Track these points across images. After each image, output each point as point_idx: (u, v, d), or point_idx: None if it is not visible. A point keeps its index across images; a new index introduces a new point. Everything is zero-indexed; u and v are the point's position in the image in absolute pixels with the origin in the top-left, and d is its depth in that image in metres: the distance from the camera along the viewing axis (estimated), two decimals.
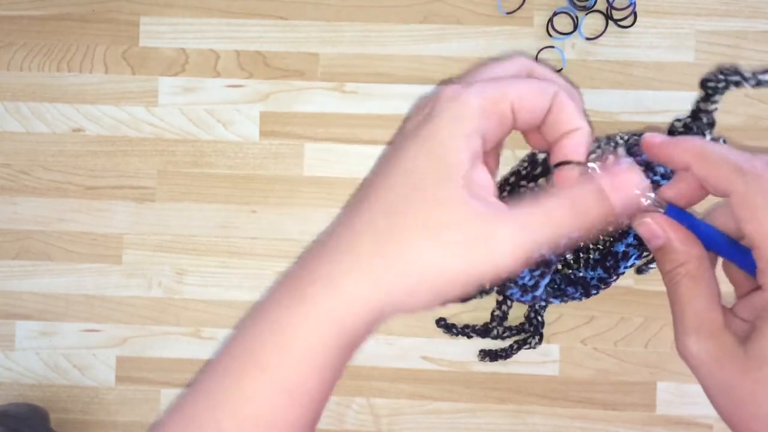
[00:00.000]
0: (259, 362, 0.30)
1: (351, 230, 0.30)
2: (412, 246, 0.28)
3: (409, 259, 0.28)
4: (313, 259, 0.31)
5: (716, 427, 0.55)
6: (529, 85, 0.30)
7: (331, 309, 0.29)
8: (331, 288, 0.29)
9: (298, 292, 0.30)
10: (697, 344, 0.29)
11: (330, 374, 0.30)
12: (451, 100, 0.29)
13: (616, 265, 0.47)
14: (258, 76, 0.57)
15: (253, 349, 0.30)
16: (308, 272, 0.30)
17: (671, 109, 0.55)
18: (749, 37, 0.55)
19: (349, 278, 0.29)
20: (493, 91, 0.29)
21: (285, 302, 0.30)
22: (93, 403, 0.57)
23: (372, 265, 0.29)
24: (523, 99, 0.29)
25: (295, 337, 0.29)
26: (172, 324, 0.57)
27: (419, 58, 0.56)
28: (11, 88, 0.58)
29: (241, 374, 0.30)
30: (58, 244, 0.57)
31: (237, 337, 0.32)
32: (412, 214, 0.28)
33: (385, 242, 0.29)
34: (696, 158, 0.29)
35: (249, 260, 0.57)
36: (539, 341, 0.54)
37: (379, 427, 0.56)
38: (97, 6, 0.57)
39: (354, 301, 0.29)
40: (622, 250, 0.47)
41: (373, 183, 0.30)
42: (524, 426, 0.56)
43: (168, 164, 0.57)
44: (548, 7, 0.56)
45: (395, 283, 0.29)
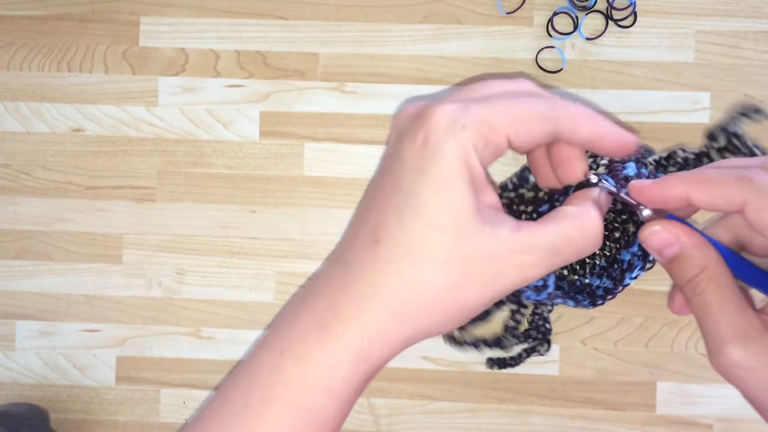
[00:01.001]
0: (284, 397, 0.30)
1: (372, 269, 0.30)
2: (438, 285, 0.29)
3: (435, 296, 0.29)
4: (332, 295, 0.31)
5: (716, 427, 0.55)
6: (525, 109, 0.29)
7: (356, 347, 0.30)
8: (357, 328, 0.30)
9: (324, 330, 0.30)
10: (739, 351, 0.27)
11: (352, 401, 0.31)
12: (449, 133, 0.29)
13: (622, 276, 0.47)
14: (258, 76, 0.57)
15: (278, 383, 0.30)
16: (331, 310, 0.30)
17: (671, 109, 0.55)
18: (749, 37, 0.55)
19: (374, 318, 0.29)
20: (487, 121, 0.29)
21: (311, 339, 0.30)
22: (93, 403, 0.57)
23: (398, 306, 0.29)
24: (519, 127, 0.29)
25: (321, 373, 0.30)
26: (172, 324, 0.57)
27: (419, 58, 0.56)
28: (11, 88, 0.58)
29: (264, 408, 0.30)
30: (58, 244, 0.57)
31: (256, 367, 0.32)
32: (436, 253, 0.29)
33: (410, 282, 0.29)
34: (695, 184, 0.28)
35: (249, 260, 0.57)
36: (548, 348, 0.53)
37: (379, 427, 0.56)
38: (97, 6, 0.57)
39: (379, 340, 0.30)
40: (627, 259, 0.47)
41: (386, 220, 0.30)
42: (524, 426, 0.56)
43: (168, 164, 0.57)
44: (548, 7, 0.56)
45: (420, 319, 0.30)
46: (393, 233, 0.29)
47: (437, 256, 0.29)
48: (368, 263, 0.30)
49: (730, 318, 0.28)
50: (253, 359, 0.32)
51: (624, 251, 0.48)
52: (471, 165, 0.28)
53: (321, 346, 0.30)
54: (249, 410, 0.30)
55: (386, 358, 0.31)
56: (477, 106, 0.29)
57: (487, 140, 0.29)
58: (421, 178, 0.29)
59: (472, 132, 0.28)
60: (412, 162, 0.29)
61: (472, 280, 0.29)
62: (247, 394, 0.31)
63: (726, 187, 0.27)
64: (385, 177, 0.31)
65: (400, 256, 0.29)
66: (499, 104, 0.29)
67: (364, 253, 0.30)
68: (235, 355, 0.57)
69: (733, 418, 0.55)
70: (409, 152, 0.29)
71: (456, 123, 0.29)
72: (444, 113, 0.29)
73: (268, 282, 0.57)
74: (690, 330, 0.55)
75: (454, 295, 0.29)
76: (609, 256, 0.49)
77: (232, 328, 0.57)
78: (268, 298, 0.57)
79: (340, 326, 0.30)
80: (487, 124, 0.29)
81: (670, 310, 0.31)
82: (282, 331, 0.31)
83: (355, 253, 0.30)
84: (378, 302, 0.29)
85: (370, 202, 0.31)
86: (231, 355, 0.57)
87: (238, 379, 0.32)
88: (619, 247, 0.49)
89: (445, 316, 0.30)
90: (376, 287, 0.29)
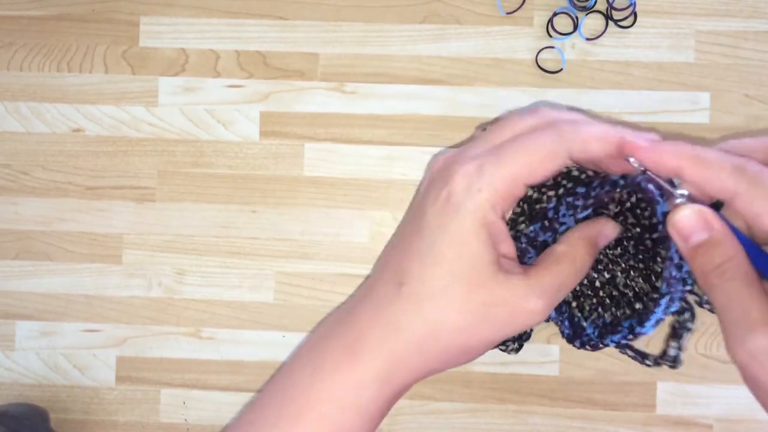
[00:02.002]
0: (317, 413, 0.33)
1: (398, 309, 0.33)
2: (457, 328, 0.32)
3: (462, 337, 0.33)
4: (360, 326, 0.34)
5: (716, 427, 0.55)
6: (539, 152, 0.32)
7: (382, 370, 0.33)
8: (383, 357, 0.33)
9: (352, 356, 0.33)
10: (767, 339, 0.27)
11: (378, 419, 0.35)
12: (465, 194, 0.32)
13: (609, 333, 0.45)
14: (258, 76, 0.57)
15: (311, 400, 0.33)
16: (359, 338, 0.34)
17: (671, 109, 0.55)
18: (749, 37, 0.55)
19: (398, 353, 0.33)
20: (505, 179, 0.32)
21: (341, 363, 0.33)
22: (93, 403, 0.57)
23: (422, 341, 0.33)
24: (534, 173, 0.32)
25: (350, 393, 0.33)
26: (172, 324, 0.57)
27: (419, 58, 0.56)
28: (11, 88, 0.58)
29: (296, 424, 0.33)
30: (58, 244, 0.57)
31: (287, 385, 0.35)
32: (456, 300, 0.32)
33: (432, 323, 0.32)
34: (689, 162, 0.29)
35: (249, 260, 0.57)
36: (692, 317, 0.45)
37: (378, 427, 0.56)
38: (97, 6, 0.57)
39: (404, 366, 0.33)
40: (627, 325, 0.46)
41: (410, 266, 0.33)
42: (524, 426, 0.56)
43: (168, 164, 0.57)
44: (548, 7, 0.56)
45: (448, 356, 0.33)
46: (416, 277, 0.33)
47: (456, 302, 0.32)
48: (393, 302, 0.33)
49: (759, 305, 0.27)
50: (285, 378, 0.35)
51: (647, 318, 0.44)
52: (488, 222, 0.32)
53: (350, 368, 0.33)
54: (282, 423, 0.33)
55: (409, 383, 0.34)
56: (491, 167, 0.32)
57: (504, 196, 0.32)
58: (441, 233, 0.32)
59: (488, 193, 0.32)
60: (435, 217, 0.33)
61: (489, 323, 0.32)
62: (281, 408, 0.33)
63: (719, 173, 0.28)
64: (410, 224, 0.35)
65: (423, 299, 0.32)
66: (511, 157, 0.32)
67: (390, 292, 0.33)
68: (236, 356, 0.57)
69: (733, 418, 0.55)
70: (433, 208, 0.33)
71: (472, 186, 0.32)
72: (463, 175, 0.32)
73: (268, 282, 0.57)
74: None
75: (472, 335, 0.33)
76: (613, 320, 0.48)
77: (232, 328, 0.57)
78: (268, 298, 0.57)
79: (367, 353, 0.33)
80: (502, 181, 0.32)
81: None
82: (312, 354, 0.35)
83: (382, 292, 0.34)
84: (402, 337, 0.33)
85: (397, 246, 0.35)
86: (231, 355, 0.57)
87: (271, 395, 0.35)
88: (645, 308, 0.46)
89: (462, 352, 0.34)
90: (401, 325, 0.33)
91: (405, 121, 0.56)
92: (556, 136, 0.32)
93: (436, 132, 0.56)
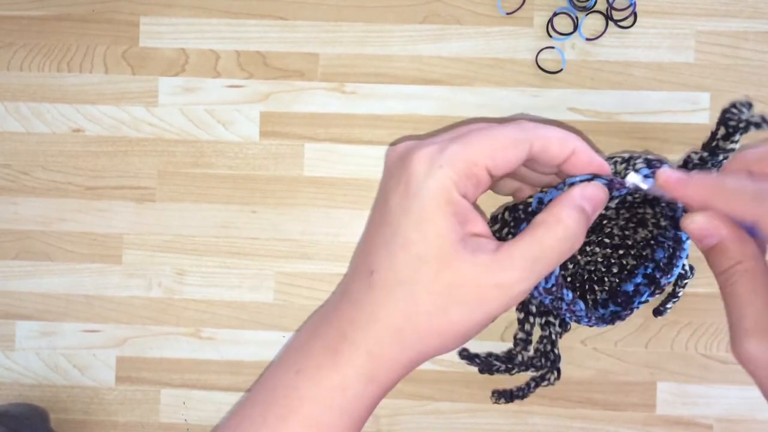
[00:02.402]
0: (301, 414, 0.32)
1: (369, 298, 0.33)
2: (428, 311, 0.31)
3: (427, 321, 0.32)
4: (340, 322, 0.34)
5: (716, 427, 0.55)
6: (500, 139, 0.31)
7: (365, 369, 0.32)
8: (365, 352, 0.32)
9: (335, 354, 0.33)
10: (758, 346, 0.28)
11: (361, 422, 0.34)
12: (427, 174, 0.31)
13: (629, 301, 0.46)
14: (258, 76, 0.57)
15: (294, 400, 0.33)
16: (340, 335, 0.33)
17: (671, 109, 0.55)
18: (749, 37, 0.55)
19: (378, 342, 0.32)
20: (464, 158, 0.31)
21: (323, 362, 0.33)
22: (93, 403, 0.57)
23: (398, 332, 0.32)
24: (496, 158, 0.31)
25: (334, 393, 0.32)
26: (172, 324, 0.57)
27: (419, 58, 0.56)
28: (11, 88, 0.58)
29: (281, 425, 0.33)
30: (58, 244, 0.57)
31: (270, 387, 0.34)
32: (423, 282, 0.31)
33: (403, 310, 0.32)
34: (713, 193, 0.30)
35: (249, 260, 0.57)
36: (558, 376, 0.51)
37: (379, 427, 0.56)
38: (97, 6, 0.57)
39: (385, 361, 0.32)
40: (631, 290, 0.47)
41: (378, 254, 0.33)
42: (524, 426, 0.56)
43: (168, 164, 0.57)
44: (548, 7, 0.56)
45: (418, 341, 0.32)
46: (384, 265, 0.32)
47: (425, 286, 0.31)
48: (366, 293, 0.33)
49: (755, 312, 0.28)
50: (269, 379, 0.34)
51: (625, 284, 0.48)
52: (452, 199, 0.31)
53: (333, 367, 0.32)
54: (266, 426, 0.32)
55: (393, 379, 0.33)
56: (453, 145, 0.31)
57: (467, 174, 0.31)
58: (404, 217, 0.31)
59: (450, 169, 0.31)
60: (397, 202, 0.32)
61: (459, 305, 0.31)
62: (265, 411, 0.33)
63: (740, 203, 0.29)
64: (375, 215, 0.34)
65: (392, 285, 0.32)
66: (474, 139, 0.31)
67: (363, 284, 0.33)
68: (235, 356, 0.57)
69: (733, 418, 0.55)
70: (394, 194, 0.32)
71: (434, 163, 0.31)
72: (423, 156, 0.32)
73: (268, 282, 0.57)
74: (690, 330, 0.55)
75: (444, 319, 0.32)
76: (609, 289, 0.49)
77: (232, 329, 0.57)
78: (268, 298, 0.57)
79: (348, 350, 0.32)
80: (464, 160, 0.31)
81: None
82: (297, 355, 0.34)
83: (356, 284, 0.33)
84: (378, 328, 0.32)
85: (366, 236, 0.34)
86: (231, 356, 0.57)
87: (255, 397, 0.34)
88: (620, 281, 0.48)
89: (439, 339, 0.33)
90: (375, 315, 0.32)
91: (405, 121, 0.56)
92: (518, 128, 0.32)
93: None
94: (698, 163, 0.41)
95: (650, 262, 0.46)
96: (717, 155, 0.40)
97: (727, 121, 0.38)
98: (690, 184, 0.31)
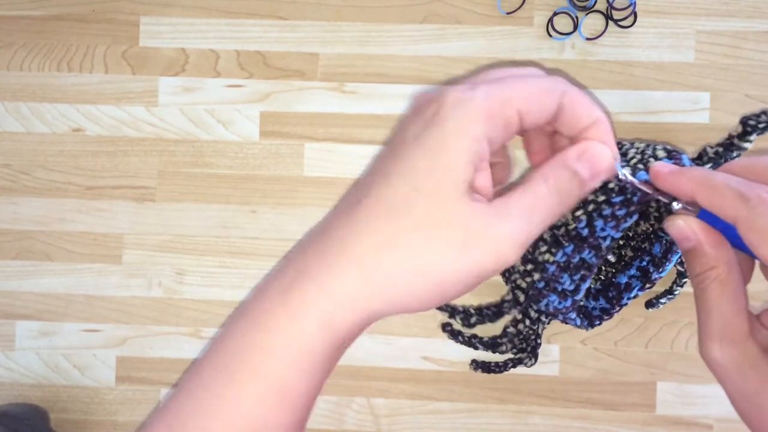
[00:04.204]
0: (248, 365, 0.29)
1: (347, 230, 0.29)
2: (412, 246, 0.28)
3: (406, 258, 0.28)
4: (304, 258, 0.30)
5: (716, 427, 0.55)
6: (535, 85, 0.30)
7: (320, 309, 0.28)
8: (322, 288, 0.28)
9: (287, 292, 0.29)
10: (720, 351, 0.29)
11: (320, 374, 0.29)
12: (456, 105, 0.29)
13: (619, 296, 0.47)
14: (258, 76, 0.57)
15: (241, 351, 0.29)
16: (298, 272, 0.29)
17: (671, 109, 0.55)
18: (749, 37, 0.55)
19: (341, 278, 0.28)
20: (499, 95, 0.29)
21: (275, 302, 0.29)
22: (93, 403, 0.57)
23: (366, 265, 0.28)
24: (530, 101, 0.29)
25: (284, 339, 0.29)
26: (172, 324, 0.57)
27: (419, 58, 0.56)
28: (11, 88, 0.58)
29: (228, 378, 0.29)
30: (58, 244, 0.57)
31: (224, 338, 0.31)
32: (413, 215, 0.28)
33: (383, 242, 0.28)
34: (700, 187, 0.29)
35: (249, 260, 0.57)
36: (534, 361, 0.51)
37: (379, 427, 0.56)
38: (97, 6, 0.57)
39: (345, 302, 0.28)
40: (625, 282, 0.47)
41: (372, 183, 0.29)
42: (524, 426, 0.56)
43: (168, 164, 0.57)
44: (548, 7, 0.56)
45: (390, 284, 0.28)
46: (375, 194, 0.28)
47: (413, 219, 0.28)
48: (345, 224, 0.29)
49: (721, 318, 0.29)
50: (223, 334, 0.31)
51: (620, 275, 0.48)
52: (476, 136, 0.28)
53: (285, 313, 0.28)
54: (216, 385, 0.29)
55: (353, 327, 0.29)
56: (488, 85, 0.29)
57: (497, 114, 0.28)
58: (417, 144, 0.28)
59: (481, 104, 0.28)
60: (414, 131, 0.29)
61: (447, 247, 0.28)
62: (216, 366, 0.29)
63: (723, 199, 0.28)
64: (387, 147, 0.30)
65: (377, 216, 0.28)
66: (509, 82, 0.29)
67: (343, 214, 0.29)
68: None
69: (733, 418, 0.55)
70: (414, 124, 0.29)
71: (464, 96, 0.28)
72: (455, 90, 0.29)
73: None
74: (690, 330, 0.55)
75: (426, 258, 0.28)
76: (605, 279, 0.49)
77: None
78: None
79: (304, 286, 0.28)
80: (498, 98, 0.28)
81: None
82: (252, 299, 0.30)
83: (335, 215, 0.30)
84: (347, 263, 0.28)
85: (366, 170, 0.31)
86: None
87: (210, 353, 0.31)
88: (615, 271, 0.49)
89: (415, 284, 0.28)
90: (347, 248, 0.28)
91: None
92: (553, 79, 0.30)
93: None
94: (713, 157, 0.42)
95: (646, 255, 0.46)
96: (731, 151, 0.41)
97: (746, 121, 0.39)
98: (679, 175, 0.30)
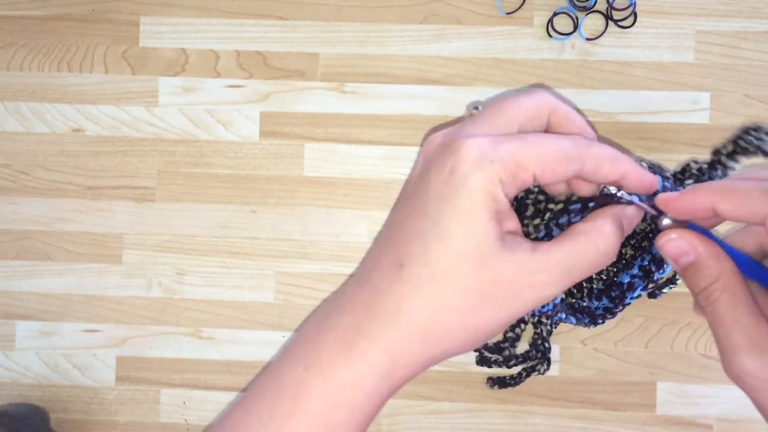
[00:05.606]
0: (307, 411, 0.31)
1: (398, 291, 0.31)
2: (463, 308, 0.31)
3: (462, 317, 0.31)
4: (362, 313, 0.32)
5: (716, 427, 0.55)
6: (553, 150, 0.30)
7: (380, 365, 0.31)
8: (383, 347, 0.31)
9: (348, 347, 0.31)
10: (753, 362, 0.28)
11: (371, 420, 0.32)
12: (477, 165, 0.30)
13: (622, 296, 0.47)
14: (258, 76, 0.57)
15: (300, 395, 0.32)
16: (357, 328, 0.32)
17: (671, 109, 0.55)
18: (749, 37, 0.55)
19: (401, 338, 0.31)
20: (517, 162, 0.30)
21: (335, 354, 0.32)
22: (93, 403, 0.57)
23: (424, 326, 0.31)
24: (546, 170, 0.30)
25: (344, 389, 0.31)
26: (172, 324, 0.57)
27: (419, 58, 0.56)
28: (11, 88, 0.58)
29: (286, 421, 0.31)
30: (58, 244, 0.57)
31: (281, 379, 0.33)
32: (461, 279, 0.30)
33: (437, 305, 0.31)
34: (721, 195, 0.29)
35: (249, 260, 0.57)
36: (547, 367, 0.53)
37: (379, 427, 0.56)
38: (97, 6, 0.57)
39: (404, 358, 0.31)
40: (627, 281, 0.47)
41: (409, 245, 0.31)
42: (524, 426, 0.56)
43: (168, 164, 0.57)
44: (548, 7, 0.56)
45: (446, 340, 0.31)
46: (417, 258, 0.31)
47: (460, 282, 0.30)
48: (393, 285, 0.31)
49: (743, 328, 0.28)
50: (276, 372, 0.33)
51: (622, 274, 0.48)
52: (496, 197, 0.30)
53: (345, 363, 0.31)
54: (273, 423, 0.31)
55: (408, 377, 0.32)
56: (507, 144, 0.30)
57: (514, 176, 0.30)
58: (446, 207, 0.30)
59: (500, 167, 0.30)
60: (439, 190, 0.30)
61: (493, 303, 0.30)
62: (272, 406, 0.32)
63: (750, 200, 0.28)
64: (410, 203, 0.32)
65: (425, 280, 0.30)
66: (529, 144, 0.30)
67: (389, 276, 0.31)
68: (235, 356, 0.57)
69: (733, 418, 0.55)
70: (436, 181, 0.31)
71: (485, 157, 0.30)
72: (474, 146, 0.30)
73: (268, 282, 0.57)
74: (690, 330, 0.55)
75: (476, 317, 0.31)
76: (606, 279, 0.49)
77: (232, 329, 0.57)
78: (268, 298, 0.57)
79: (364, 345, 0.31)
80: (516, 161, 0.30)
81: (696, 314, 0.32)
82: (306, 347, 0.33)
83: (380, 275, 0.32)
84: (403, 323, 0.31)
85: (394, 227, 0.33)
86: (231, 356, 0.57)
87: (261, 391, 0.33)
88: (617, 270, 0.49)
89: (467, 336, 0.31)
90: (402, 309, 0.31)
91: (405, 121, 0.56)
92: (574, 144, 0.31)
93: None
94: (696, 174, 0.41)
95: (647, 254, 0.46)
96: (716, 169, 0.40)
97: (738, 141, 0.38)
98: (693, 193, 0.30)
